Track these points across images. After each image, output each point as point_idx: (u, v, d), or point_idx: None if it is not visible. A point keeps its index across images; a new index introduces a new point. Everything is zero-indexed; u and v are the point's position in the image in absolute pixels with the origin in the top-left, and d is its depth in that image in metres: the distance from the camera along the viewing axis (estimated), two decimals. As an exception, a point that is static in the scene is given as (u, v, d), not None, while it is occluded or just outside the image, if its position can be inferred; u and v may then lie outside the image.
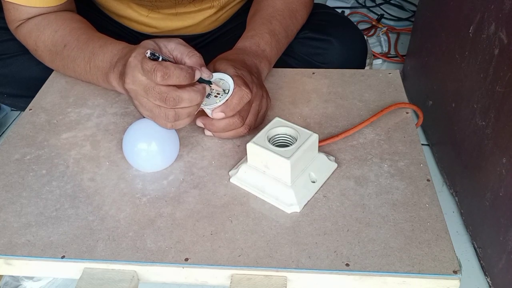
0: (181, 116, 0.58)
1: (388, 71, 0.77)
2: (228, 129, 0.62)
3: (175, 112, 0.57)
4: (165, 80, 0.54)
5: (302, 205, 0.55)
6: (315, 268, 0.49)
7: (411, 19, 1.65)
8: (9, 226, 0.55)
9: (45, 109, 0.72)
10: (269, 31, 0.73)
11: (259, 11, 0.77)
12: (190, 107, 0.57)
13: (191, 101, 0.56)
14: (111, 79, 0.65)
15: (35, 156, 0.64)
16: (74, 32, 0.72)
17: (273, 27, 0.74)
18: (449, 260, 0.49)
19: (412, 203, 0.55)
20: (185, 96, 0.56)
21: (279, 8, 0.76)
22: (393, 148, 0.63)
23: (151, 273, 0.51)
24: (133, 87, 0.57)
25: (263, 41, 0.71)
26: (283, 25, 0.75)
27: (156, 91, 0.55)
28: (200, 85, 0.58)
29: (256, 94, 0.63)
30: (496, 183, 0.82)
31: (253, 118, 0.63)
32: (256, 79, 0.65)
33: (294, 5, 0.78)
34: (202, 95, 0.57)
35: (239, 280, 0.49)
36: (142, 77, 0.56)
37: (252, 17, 0.77)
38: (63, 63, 0.73)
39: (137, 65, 0.56)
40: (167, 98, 0.55)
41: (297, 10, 0.78)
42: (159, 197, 0.58)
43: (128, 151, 0.60)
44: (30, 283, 0.88)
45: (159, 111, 0.57)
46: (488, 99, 0.85)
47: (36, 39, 0.73)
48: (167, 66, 0.54)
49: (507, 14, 0.78)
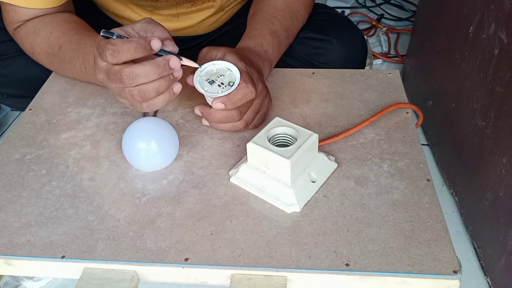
0: (147, 94, 0.55)
1: (388, 71, 0.77)
2: (224, 121, 0.62)
3: (138, 90, 0.54)
4: (115, 57, 0.52)
5: (302, 205, 0.55)
6: (315, 268, 0.49)
7: (411, 19, 1.65)
8: (9, 226, 0.55)
9: (45, 109, 0.72)
10: (270, 32, 0.73)
11: (260, 10, 0.77)
12: (154, 81, 0.54)
13: (148, 75, 0.53)
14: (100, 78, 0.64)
15: (35, 156, 0.64)
16: (68, 33, 0.71)
17: (274, 27, 0.73)
18: (449, 260, 0.49)
19: (412, 203, 0.55)
20: (139, 70, 0.53)
21: (280, 8, 0.76)
22: (393, 148, 0.63)
23: (151, 273, 0.51)
24: (100, 76, 0.56)
25: (266, 42, 0.71)
26: (284, 26, 0.75)
27: (112, 73, 0.53)
28: (159, 58, 0.54)
29: (260, 93, 0.63)
30: (496, 183, 0.82)
31: (252, 116, 0.63)
32: (261, 79, 0.65)
33: (295, 5, 0.78)
34: (160, 66, 0.53)
35: (239, 280, 0.49)
36: (102, 63, 0.54)
37: (253, 17, 0.77)
38: (60, 65, 0.72)
39: (96, 53, 0.55)
40: (122, 77, 0.53)
41: (298, 10, 0.78)
42: (159, 197, 0.58)
43: (128, 151, 0.60)
44: (30, 283, 0.89)
45: (125, 94, 0.55)
46: (488, 99, 0.85)
47: (33, 42, 0.73)
48: (115, 42, 0.52)
49: (507, 14, 0.78)
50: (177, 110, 0.71)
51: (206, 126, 0.67)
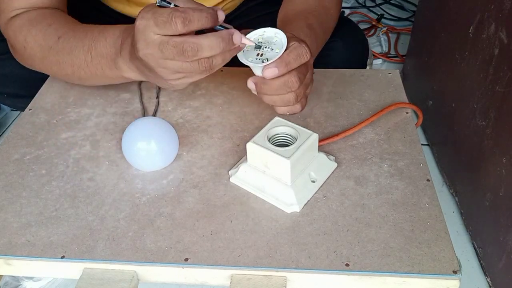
0: (215, 62, 0.51)
1: (388, 71, 0.77)
2: (283, 91, 0.54)
3: (209, 59, 0.51)
4: (187, 26, 0.48)
5: (302, 205, 0.55)
6: (315, 268, 0.49)
7: (411, 19, 1.65)
8: (9, 226, 0.55)
9: (45, 109, 0.72)
10: (307, 25, 0.68)
11: (292, 9, 0.74)
12: (219, 55, 0.51)
13: (212, 48, 0.50)
14: (120, 64, 0.60)
15: (34, 156, 0.64)
16: (70, 24, 0.67)
17: (310, 21, 0.69)
18: (449, 260, 0.49)
19: (412, 203, 0.55)
20: (205, 42, 0.49)
21: (312, 5, 0.73)
22: (393, 148, 0.63)
23: (151, 273, 0.51)
24: (147, 51, 0.51)
25: (303, 34, 0.65)
26: (319, 21, 0.71)
27: (171, 45, 0.49)
28: (223, 31, 0.51)
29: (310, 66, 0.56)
30: (496, 183, 0.82)
31: (304, 90, 0.56)
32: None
33: (326, 2, 0.75)
34: (225, 40, 0.50)
35: (239, 280, 0.49)
36: (155, 36, 0.50)
37: (286, 15, 0.74)
38: (57, 57, 0.66)
39: (147, 25, 0.50)
40: (184, 48, 0.49)
41: (330, 7, 0.75)
42: (159, 197, 0.58)
43: (128, 151, 0.60)
44: (30, 283, 0.89)
45: (187, 66, 0.51)
46: (488, 99, 0.85)
47: (27, 34, 0.67)
48: (185, 10, 0.48)
49: (507, 14, 0.78)
50: (177, 110, 0.71)
51: (206, 126, 0.67)
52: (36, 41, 0.67)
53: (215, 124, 0.68)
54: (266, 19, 0.74)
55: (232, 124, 0.68)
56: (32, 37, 0.67)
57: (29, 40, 0.67)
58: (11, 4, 0.68)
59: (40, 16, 0.68)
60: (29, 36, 0.67)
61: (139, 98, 0.73)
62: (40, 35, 0.66)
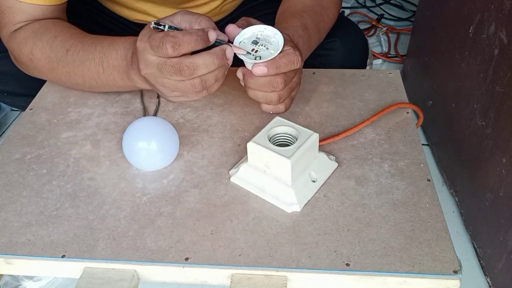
0: (208, 82, 0.55)
1: (389, 71, 0.77)
2: (266, 89, 0.57)
3: (201, 79, 0.54)
4: (176, 49, 0.51)
5: (302, 205, 0.55)
6: (315, 268, 0.49)
7: (411, 19, 1.65)
8: (10, 225, 0.55)
9: (46, 109, 0.72)
10: (301, 25, 0.69)
11: (289, 7, 0.75)
12: (214, 71, 0.54)
13: (208, 66, 0.53)
14: (132, 76, 0.62)
15: (35, 156, 0.64)
16: (76, 36, 0.68)
17: (305, 21, 0.71)
18: (449, 260, 0.49)
19: (412, 203, 0.55)
20: (200, 61, 0.52)
21: (309, 4, 0.74)
22: (394, 148, 0.63)
23: (151, 273, 0.51)
24: (148, 70, 0.55)
25: (296, 34, 0.67)
26: (314, 21, 0.72)
27: (168, 66, 0.52)
28: (216, 48, 0.54)
29: (300, 72, 0.59)
30: (496, 183, 0.82)
31: (288, 93, 0.58)
32: None
33: (324, 2, 0.76)
34: (219, 57, 0.54)
35: (239, 280, 0.49)
36: (152, 57, 0.53)
37: (282, 13, 0.75)
38: (67, 69, 0.67)
39: (145, 47, 0.53)
40: (181, 68, 0.52)
41: (328, 7, 0.76)
42: (159, 196, 0.58)
43: (128, 150, 0.60)
44: (30, 283, 0.89)
45: (183, 85, 0.54)
46: (488, 99, 0.85)
47: (33, 46, 0.68)
48: (175, 34, 0.51)
49: (507, 14, 0.78)
50: (177, 110, 0.71)
51: (206, 125, 0.67)
52: (43, 53, 0.68)
53: (215, 124, 0.68)
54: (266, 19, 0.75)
55: (233, 124, 0.68)
56: (39, 49, 0.68)
57: (35, 53, 0.68)
58: (14, 18, 0.69)
59: (43, 28, 0.69)
60: (35, 48, 0.68)
61: (140, 98, 0.73)
62: (47, 47, 0.67)
